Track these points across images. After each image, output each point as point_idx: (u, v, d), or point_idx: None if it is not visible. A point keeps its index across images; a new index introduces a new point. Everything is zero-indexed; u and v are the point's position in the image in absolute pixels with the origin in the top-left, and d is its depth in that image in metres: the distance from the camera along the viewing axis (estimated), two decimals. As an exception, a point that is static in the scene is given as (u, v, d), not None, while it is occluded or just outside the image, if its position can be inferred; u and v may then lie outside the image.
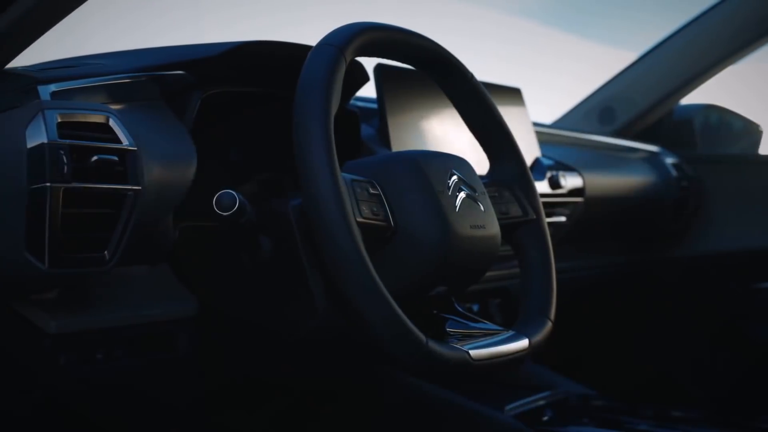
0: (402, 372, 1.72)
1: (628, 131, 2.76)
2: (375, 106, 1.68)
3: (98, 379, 1.28)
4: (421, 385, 1.71)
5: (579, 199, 2.09)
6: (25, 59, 1.17)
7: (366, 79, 1.47)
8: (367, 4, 3.10)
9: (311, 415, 1.66)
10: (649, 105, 2.75)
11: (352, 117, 1.52)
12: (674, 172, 2.58)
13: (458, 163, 1.24)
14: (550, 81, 3.39)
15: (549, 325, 1.26)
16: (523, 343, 1.20)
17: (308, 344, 1.47)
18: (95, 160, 1.06)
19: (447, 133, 1.74)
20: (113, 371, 1.26)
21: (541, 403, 1.87)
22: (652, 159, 2.58)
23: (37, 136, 1.02)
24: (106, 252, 1.09)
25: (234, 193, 1.10)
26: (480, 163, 1.33)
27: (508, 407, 1.78)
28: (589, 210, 2.13)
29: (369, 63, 1.46)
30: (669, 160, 2.61)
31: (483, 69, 1.45)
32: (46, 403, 1.34)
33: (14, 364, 1.22)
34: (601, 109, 2.78)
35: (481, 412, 1.67)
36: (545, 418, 1.82)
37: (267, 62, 1.34)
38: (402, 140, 1.66)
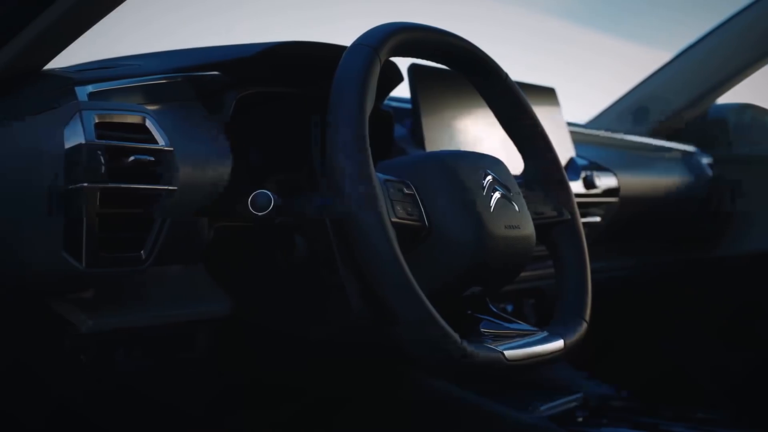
0: (430, 372, 1.72)
1: (662, 131, 2.74)
2: (409, 106, 1.68)
3: (130, 376, 1.29)
4: (448, 386, 1.71)
5: (613, 200, 2.08)
6: (62, 60, 1.18)
7: (400, 79, 1.47)
8: (400, 4, 3.10)
9: (330, 418, 1.66)
10: (683, 105, 2.73)
11: (385, 117, 1.52)
12: (709, 173, 2.56)
13: (492, 163, 1.23)
14: (584, 81, 3.37)
15: (584, 325, 1.25)
16: (558, 343, 1.19)
17: (335, 346, 1.47)
18: (132, 161, 1.07)
19: (481, 133, 1.74)
20: (145, 369, 1.27)
21: (574, 404, 1.87)
22: (687, 159, 2.56)
23: (74, 137, 1.03)
24: (142, 251, 1.10)
25: (269, 193, 1.11)
26: (514, 163, 1.33)
27: (541, 408, 1.78)
28: (623, 210, 2.12)
29: (403, 63, 1.46)
30: (704, 161, 2.59)
31: (517, 69, 1.44)
32: (78, 400, 1.35)
33: (51, 362, 1.23)
34: (635, 108, 2.77)
35: (513, 413, 1.67)
36: (579, 420, 1.81)
37: (302, 62, 1.34)
38: (436, 140, 1.66)
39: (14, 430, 1.33)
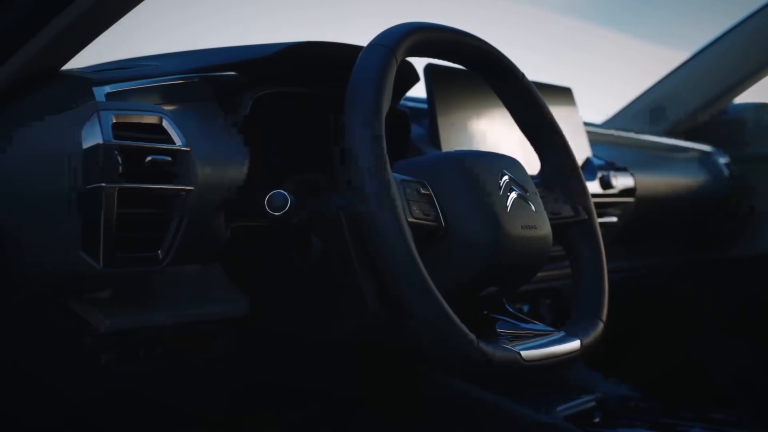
0: (446, 372, 1.71)
1: (679, 131, 2.73)
2: (425, 106, 1.67)
3: (146, 376, 1.30)
4: (465, 386, 1.70)
5: (630, 200, 2.08)
6: (80, 61, 1.19)
7: (416, 79, 1.47)
8: (412, 4, 3.10)
9: (348, 418, 1.66)
10: (700, 104, 2.72)
11: (402, 117, 1.52)
12: (726, 172, 2.55)
13: (509, 163, 1.23)
14: (600, 81, 3.37)
15: (601, 326, 1.25)
16: (575, 344, 1.19)
17: (351, 346, 1.47)
18: (149, 161, 1.07)
19: (497, 133, 1.74)
20: (160, 369, 1.27)
21: (591, 405, 1.86)
22: (704, 159, 2.55)
23: (92, 137, 1.04)
24: (159, 251, 1.10)
25: (285, 193, 1.11)
26: (530, 162, 1.33)
27: (557, 408, 1.77)
28: (640, 210, 2.11)
29: (419, 63, 1.46)
30: (721, 160, 2.58)
31: (533, 68, 1.44)
32: (96, 399, 1.35)
33: (68, 361, 1.23)
34: (652, 108, 2.76)
35: (529, 413, 1.66)
36: (596, 420, 1.81)
37: (318, 63, 1.34)
38: (452, 140, 1.65)
39: (27, 429, 1.33)
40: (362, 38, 1.17)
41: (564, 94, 2.00)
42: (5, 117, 1.11)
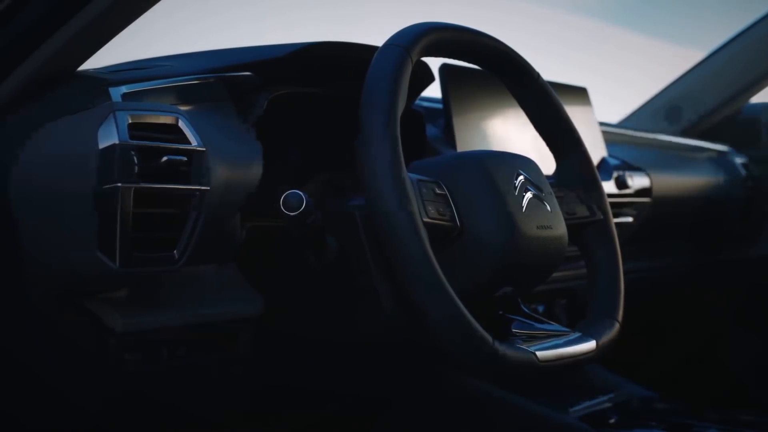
0: (462, 372, 1.71)
1: (695, 130, 2.72)
2: (440, 106, 1.67)
3: (161, 377, 1.30)
4: (482, 386, 1.70)
5: (646, 200, 2.07)
6: (96, 61, 1.19)
7: (431, 79, 1.47)
8: (426, 4, 3.10)
9: (369, 418, 1.66)
10: (716, 104, 2.72)
11: (417, 117, 1.51)
12: (743, 172, 2.54)
13: (525, 163, 1.23)
14: (616, 80, 3.36)
15: (616, 326, 1.24)
16: (591, 344, 1.19)
17: (367, 347, 1.47)
18: (165, 161, 1.07)
19: (512, 133, 1.74)
20: (177, 370, 1.28)
21: (606, 405, 1.86)
22: (720, 159, 2.54)
23: (108, 137, 1.04)
24: (175, 251, 1.10)
25: (301, 193, 1.11)
26: (546, 162, 1.33)
27: (572, 409, 1.77)
28: (656, 210, 2.10)
29: (434, 63, 1.46)
30: (738, 160, 2.57)
31: (549, 68, 1.44)
32: (110, 400, 1.36)
33: (84, 361, 1.23)
34: (668, 108, 2.75)
35: (544, 413, 1.66)
36: (611, 421, 1.80)
37: (333, 63, 1.34)
38: (467, 140, 1.65)
39: (33, 430, 1.33)
40: (376, 38, 1.17)
41: (579, 93, 2.00)
42: (22, 117, 1.12)
